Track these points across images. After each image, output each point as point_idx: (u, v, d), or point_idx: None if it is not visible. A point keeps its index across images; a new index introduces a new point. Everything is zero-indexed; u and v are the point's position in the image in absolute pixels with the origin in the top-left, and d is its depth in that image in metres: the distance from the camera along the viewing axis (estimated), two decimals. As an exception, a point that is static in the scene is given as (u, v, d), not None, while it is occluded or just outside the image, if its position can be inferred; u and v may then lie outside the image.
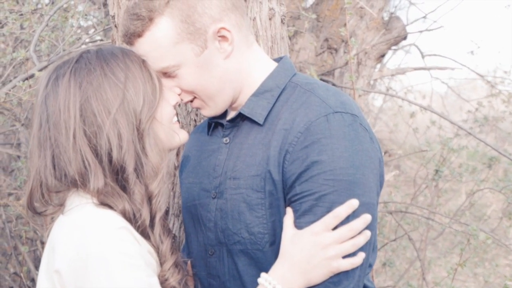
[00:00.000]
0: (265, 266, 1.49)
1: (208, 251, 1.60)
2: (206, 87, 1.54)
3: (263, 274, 1.42)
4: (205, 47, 1.50)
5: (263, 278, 1.42)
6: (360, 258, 1.42)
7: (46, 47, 3.30)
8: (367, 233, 1.42)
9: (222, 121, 1.64)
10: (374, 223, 1.45)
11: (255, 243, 1.50)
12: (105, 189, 1.40)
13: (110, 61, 1.45)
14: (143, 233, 1.43)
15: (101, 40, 3.25)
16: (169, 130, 1.52)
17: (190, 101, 1.60)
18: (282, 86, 1.57)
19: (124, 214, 1.40)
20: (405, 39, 3.96)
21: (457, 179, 4.08)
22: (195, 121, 2.08)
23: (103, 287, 1.28)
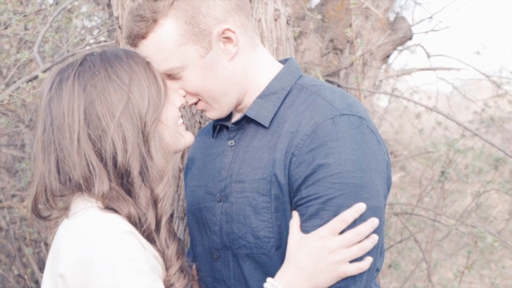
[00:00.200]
0: (271, 271, 1.47)
1: (213, 255, 1.58)
2: (210, 89, 1.52)
3: (269, 279, 1.41)
4: (209, 49, 1.48)
5: (269, 283, 1.40)
6: (367, 262, 1.40)
7: (50, 48, 3.29)
8: (375, 237, 1.40)
9: (227, 124, 1.63)
10: (381, 227, 1.43)
11: (261, 247, 1.49)
12: (110, 193, 1.39)
13: (114, 63, 1.43)
14: (149, 237, 1.42)
15: (105, 41, 3.24)
16: (174, 133, 1.50)
17: (194, 104, 1.58)
18: (288, 88, 1.55)
19: (130, 219, 1.39)
20: (410, 39, 3.94)
21: (463, 180, 4.06)
22: (199, 123, 2.07)
23: (107, 292, 1.27)
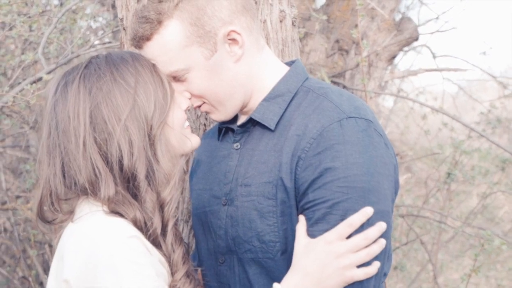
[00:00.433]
0: (277, 275, 1.46)
1: (219, 259, 1.57)
2: (216, 91, 1.51)
3: (275, 285, 1.40)
4: (215, 51, 1.47)
5: (275, 288, 1.39)
6: (375, 267, 1.38)
7: (55, 49, 3.29)
8: (382, 241, 1.39)
9: (232, 126, 1.61)
10: (389, 231, 1.42)
11: (266, 251, 1.47)
12: (116, 197, 1.37)
13: (120, 66, 1.42)
14: (155, 242, 1.40)
15: (110, 42, 3.23)
16: (180, 136, 1.49)
17: (198, 106, 1.57)
18: (294, 90, 1.54)
19: (135, 223, 1.38)
20: (416, 40, 3.91)
21: (469, 182, 4.04)
22: (204, 125, 2.06)
23: (113, 297, 1.26)
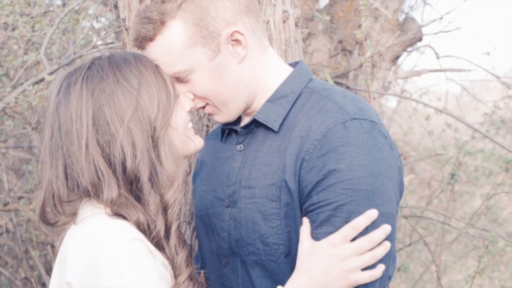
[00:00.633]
0: (280, 278, 1.45)
1: (222, 261, 1.56)
2: (219, 92, 1.50)
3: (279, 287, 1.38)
4: (218, 51, 1.46)
5: (279, 291, 1.38)
6: (379, 270, 1.37)
7: (57, 49, 3.28)
8: (387, 244, 1.38)
9: (236, 128, 1.60)
10: (393, 233, 1.41)
11: (270, 254, 1.46)
12: (118, 199, 1.36)
13: (123, 67, 1.41)
14: (158, 244, 1.39)
15: (112, 43, 3.22)
16: (184, 137, 1.48)
17: (202, 108, 1.56)
18: (297, 92, 1.53)
19: (138, 225, 1.37)
20: (420, 40, 3.89)
21: (473, 183, 4.02)
22: (207, 126, 2.05)
23: (115, 300, 1.24)
